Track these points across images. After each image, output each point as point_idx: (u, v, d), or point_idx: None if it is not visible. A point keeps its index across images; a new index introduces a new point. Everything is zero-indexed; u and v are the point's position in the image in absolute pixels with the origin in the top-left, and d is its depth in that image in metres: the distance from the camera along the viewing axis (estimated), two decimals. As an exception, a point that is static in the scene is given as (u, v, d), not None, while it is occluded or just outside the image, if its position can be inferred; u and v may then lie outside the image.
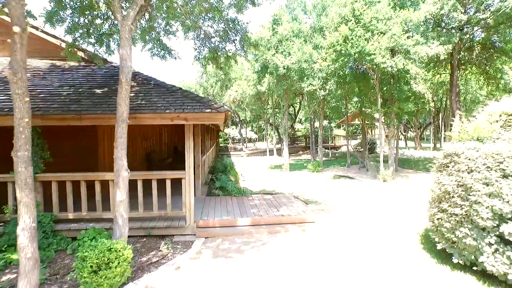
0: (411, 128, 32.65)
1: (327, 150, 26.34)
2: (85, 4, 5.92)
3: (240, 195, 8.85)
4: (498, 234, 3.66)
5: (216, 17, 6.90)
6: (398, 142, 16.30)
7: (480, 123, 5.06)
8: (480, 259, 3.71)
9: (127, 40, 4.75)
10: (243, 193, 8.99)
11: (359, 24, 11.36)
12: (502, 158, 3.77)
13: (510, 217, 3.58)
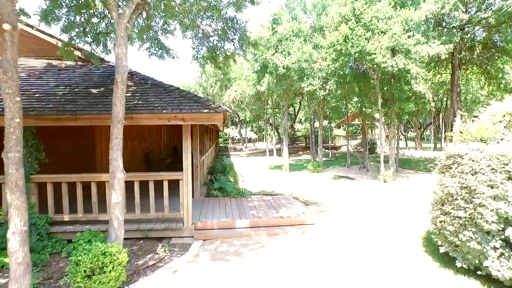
0: (411, 128, 32.54)
1: (327, 150, 26.24)
2: (81, 3, 5.82)
3: (239, 196, 8.75)
4: (504, 238, 3.56)
5: (215, 16, 6.80)
6: (399, 142, 16.18)
7: (483, 124, 4.96)
8: (485, 264, 3.61)
9: (123, 39, 4.65)
10: (242, 194, 8.89)
11: (360, 24, 11.26)
12: (508, 160, 3.67)
13: (516, 220, 3.49)
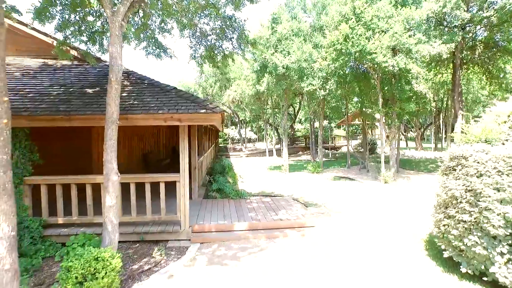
0: (412, 128, 32.40)
1: (327, 151, 26.11)
2: (76, 0, 5.69)
3: (238, 198, 8.62)
4: (511, 243, 3.43)
5: (213, 14, 6.67)
6: (399, 143, 16.06)
7: (488, 124, 4.83)
8: (491, 270, 3.48)
9: (117, 37, 4.53)
10: (241, 196, 8.76)
11: (360, 23, 11.13)
12: (514, 162, 3.54)
13: (523, 225, 3.36)
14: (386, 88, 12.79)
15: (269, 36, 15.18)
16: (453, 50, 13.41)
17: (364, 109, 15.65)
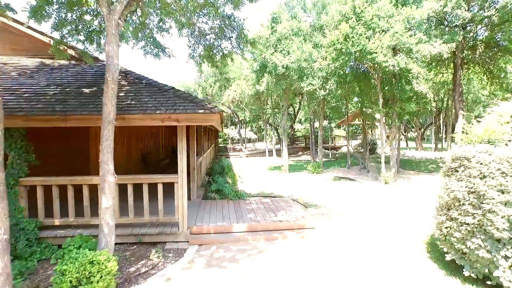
0: (412, 129, 32.32)
1: (327, 151, 26.02)
2: (73, -1, 5.61)
3: (237, 199, 8.54)
4: (515, 247, 3.36)
5: (212, 14, 6.59)
6: (400, 143, 15.98)
7: (490, 125, 4.76)
8: (495, 273, 3.40)
9: (114, 36, 4.46)
10: (240, 196, 8.68)
11: (360, 22, 11.04)
12: (519, 163, 3.47)
13: (528, 228, 3.28)
14: (387, 88, 12.70)
15: (269, 36, 15.09)
16: (454, 50, 13.32)
17: (364, 109, 15.57)
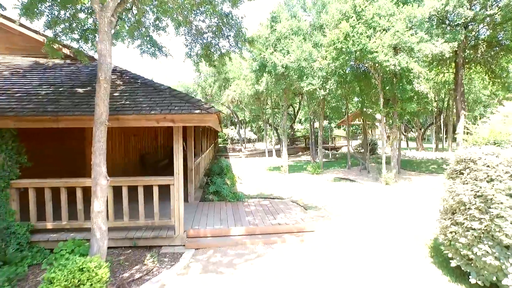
0: (412, 129, 32.15)
1: (327, 151, 25.86)
2: (65, -4, 5.45)
3: (235, 200, 8.39)
4: (525, 254, 3.20)
5: (209, 12, 6.44)
6: (400, 143, 15.83)
7: (495, 125, 4.61)
8: (504, 282, 3.25)
9: (106, 34, 4.30)
10: (239, 198, 8.52)
11: (361, 21, 10.89)
12: (528, 166, 3.31)
13: (538, 234, 3.13)
14: (387, 88, 12.55)
15: (268, 35, 14.95)
16: (456, 49, 13.16)
17: (365, 109, 15.42)
